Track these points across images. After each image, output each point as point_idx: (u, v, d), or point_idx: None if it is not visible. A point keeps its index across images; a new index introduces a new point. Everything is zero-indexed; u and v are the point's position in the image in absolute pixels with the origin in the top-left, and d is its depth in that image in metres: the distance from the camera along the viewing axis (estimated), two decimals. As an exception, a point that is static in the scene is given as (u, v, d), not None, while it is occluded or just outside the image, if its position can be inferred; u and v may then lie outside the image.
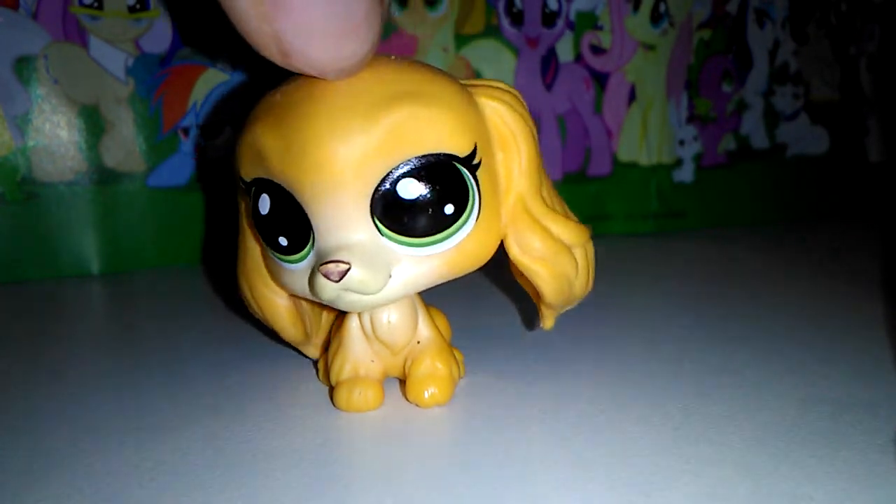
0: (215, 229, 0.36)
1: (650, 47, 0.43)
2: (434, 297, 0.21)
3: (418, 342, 0.20)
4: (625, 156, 0.44)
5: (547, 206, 0.20)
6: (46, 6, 0.33)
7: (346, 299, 0.18)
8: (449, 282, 0.19)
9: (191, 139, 0.35)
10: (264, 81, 0.20)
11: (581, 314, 0.28)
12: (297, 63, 0.16)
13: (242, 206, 0.21)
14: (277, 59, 0.16)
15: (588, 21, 0.42)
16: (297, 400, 0.21)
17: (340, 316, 0.21)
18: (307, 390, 0.21)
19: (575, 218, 0.21)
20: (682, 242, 0.43)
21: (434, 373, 0.20)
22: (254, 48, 0.16)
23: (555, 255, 0.20)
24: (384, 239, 0.18)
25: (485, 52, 0.40)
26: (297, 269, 0.19)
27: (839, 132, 0.50)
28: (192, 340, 0.26)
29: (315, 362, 0.23)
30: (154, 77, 0.34)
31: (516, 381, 0.22)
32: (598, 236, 0.42)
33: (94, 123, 0.34)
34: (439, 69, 0.19)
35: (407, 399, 0.20)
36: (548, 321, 0.22)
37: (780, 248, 0.42)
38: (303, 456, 0.18)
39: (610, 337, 0.26)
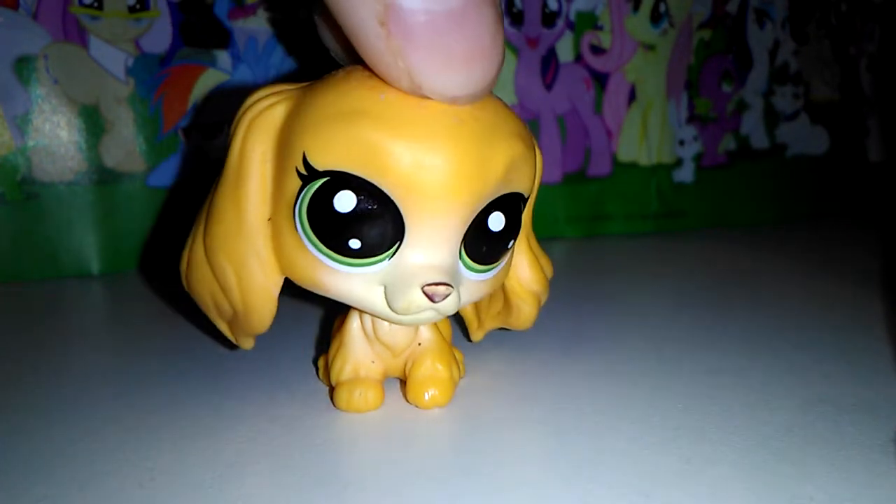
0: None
1: (650, 47, 0.43)
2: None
3: (419, 343, 0.20)
4: (625, 156, 0.44)
5: (534, 238, 0.22)
6: (46, 6, 0.33)
7: (426, 316, 0.18)
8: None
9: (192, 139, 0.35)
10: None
11: (581, 314, 0.28)
12: (429, 93, 0.16)
13: (244, 182, 0.18)
14: (410, 91, 0.16)
15: (588, 21, 0.42)
16: (296, 400, 0.21)
17: (340, 316, 0.21)
18: (307, 390, 0.21)
19: None
20: (682, 242, 0.43)
21: (434, 375, 0.20)
22: (386, 81, 0.16)
23: (541, 288, 0.22)
24: (460, 263, 0.18)
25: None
26: (354, 273, 0.18)
27: (839, 132, 0.50)
28: (192, 340, 0.26)
29: (315, 361, 0.23)
30: (154, 77, 0.34)
31: (516, 381, 0.22)
32: (598, 236, 0.42)
33: (94, 123, 0.34)
34: None
35: (407, 400, 0.20)
36: (481, 334, 0.24)
37: (780, 248, 0.42)
38: (303, 456, 0.18)
39: (609, 337, 0.26)
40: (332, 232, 0.17)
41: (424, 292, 0.17)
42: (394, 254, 0.17)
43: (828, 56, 0.49)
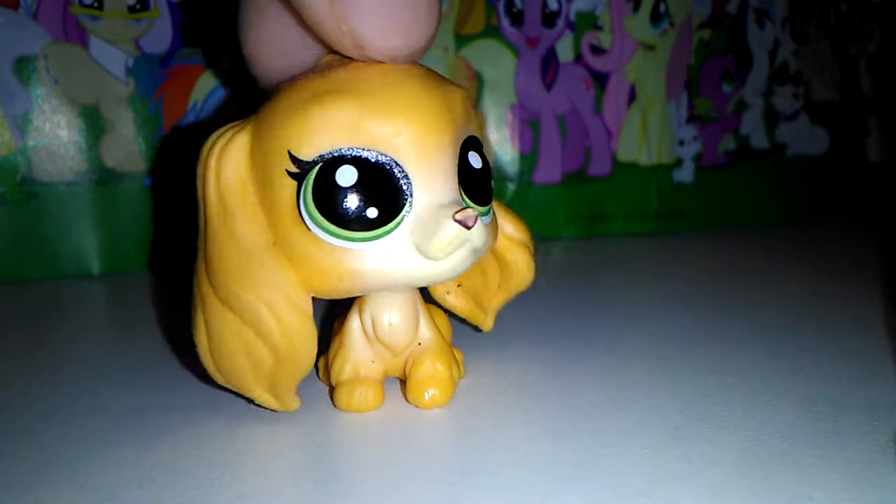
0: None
1: (650, 47, 0.43)
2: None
3: (419, 343, 0.20)
4: (625, 156, 0.44)
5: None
6: (46, 6, 0.33)
7: (461, 257, 0.18)
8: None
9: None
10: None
11: (581, 314, 0.28)
12: (371, 53, 0.18)
13: (232, 216, 0.18)
14: (353, 52, 0.18)
15: (588, 21, 0.42)
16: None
17: (340, 317, 0.21)
18: (307, 390, 0.21)
19: None
20: (681, 242, 0.43)
21: (434, 374, 0.20)
22: (328, 44, 0.18)
23: (528, 235, 0.23)
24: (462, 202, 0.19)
25: (485, 53, 0.40)
26: (384, 242, 0.17)
27: (839, 132, 0.50)
28: (192, 340, 0.26)
29: (315, 361, 0.23)
30: (154, 77, 0.34)
31: (516, 381, 0.22)
32: (598, 236, 0.42)
33: (94, 123, 0.34)
34: None
35: (407, 400, 0.20)
36: (490, 320, 0.24)
37: (780, 248, 0.42)
38: (303, 456, 0.18)
39: (609, 336, 0.26)
40: (347, 210, 0.17)
41: (457, 218, 0.17)
42: (410, 209, 0.18)
43: (828, 56, 0.49)
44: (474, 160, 0.19)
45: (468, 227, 0.17)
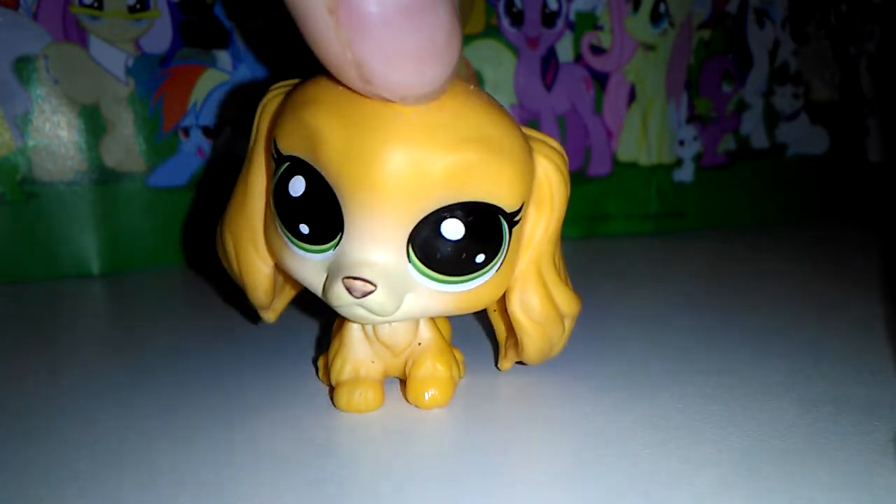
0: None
1: (650, 47, 0.43)
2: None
3: (419, 343, 0.20)
4: (625, 156, 0.44)
5: (557, 273, 0.20)
6: (46, 6, 0.33)
7: (356, 312, 0.18)
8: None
9: (192, 139, 0.35)
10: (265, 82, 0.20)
11: (581, 314, 0.28)
12: (377, 89, 0.16)
13: (256, 168, 0.20)
14: (358, 84, 0.16)
15: (588, 21, 0.42)
16: (297, 399, 0.21)
17: (340, 316, 0.21)
18: (307, 390, 0.22)
19: (571, 287, 0.21)
20: (681, 242, 0.43)
21: (434, 374, 0.20)
22: (334, 74, 0.16)
23: (550, 321, 0.20)
24: (410, 266, 0.18)
25: (485, 52, 0.40)
26: (308, 259, 0.18)
27: (839, 132, 0.50)
28: (192, 340, 0.26)
29: (315, 361, 0.23)
30: (154, 77, 0.34)
31: (516, 381, 0.22)
32: (597, 236, 0.42)
33: (94, 123, 0.34)
34: (507, 111, 0.19)
35: (407, 400, 0.20)
36: (507, 364, 0.23)
37: (780, 248, 0.42)
38: (303, 455, 0.18)
39: (609, 336, 0.26)
40: (287, 215, 0.18)
41: (344, 284, 0.17)
42: (337, 245, 0.18)
43: (828, 56, 0.49)
44: (450, 230, 0.17)
45: (354, 297, 0.17)
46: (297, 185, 0.17)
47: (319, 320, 0.27)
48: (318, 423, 0.19)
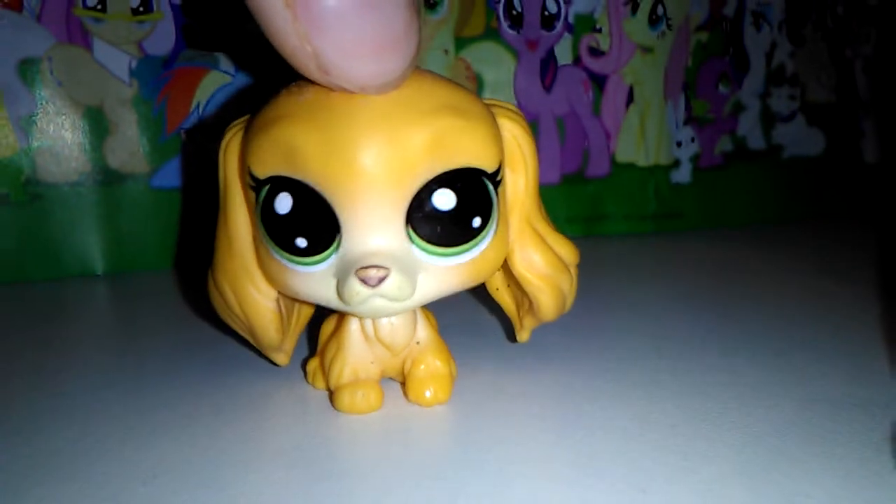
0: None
1: (648, 50, 0.43)
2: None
3: (417, 342, 0.20)
4: (623, 157, 0.44)
5: (548, 223, 0.21)
6: (50, 8, 0.33)
7: (373, 304, 0.18)
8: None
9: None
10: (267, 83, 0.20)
11: (580, 313, 0.28)
12: (337, 80, 0.16)
13: (233, 208, 0.20)
14: (317, 76, 0.16)
15: (586, 24, 0.42)
16: (298, 399, 0.21)
17: (337, 320, 0.21)
18: (308, 389, 0.22)
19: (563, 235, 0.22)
20: (679, 242, 0.43)
21: (434, 372, 0.20)
22: (293, 66, 0.16)
23: (556, 271, 0.21)
24: (414, 247, 0.18)
25: (485, 55, 0.40)
26: (312, 272, 0.18)
27: (835, 133, 0.50)
28: (195, 340, 0.26)
29: (304, 365, 0.23)
30: (157, 79, 0.35)
31: (516, 379, 0.22)
32: (596, 237, 0.42)
33: (97, 125, 0.34)
34: (465, 85, 0.19)
35: (408, 399, 0.21)
36: (525, 334, 0.23)
37: (777, 248, 0.42)
38: (304, 455, 0.18)
39: (608, 336, 0.26)
40: (280, 234, 0.18)
41: (358, 277, 0.17)
42: (338, 247, 0.18)
43: (824, 58, 0.49)
44: (442, 200, 0.18)
45: (370, 287, 0.17)
46: (283, 202, 0.18)
47: (315, 322, 0.27)
48: (318, 422, 0.19)
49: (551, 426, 0.19)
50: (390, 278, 0.17)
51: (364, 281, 0.17)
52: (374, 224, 0.17)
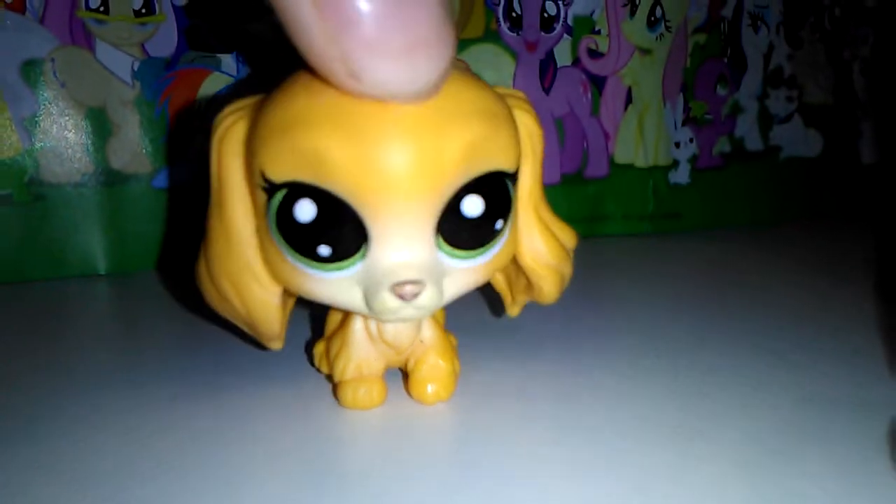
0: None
1: (646, 51, 0.43)
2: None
3: (422, 341, 0.21)
4: (621, 158, 0.44)
5: (550, 210, 0.21)
6: (53, 10, 0.33)
7: (405, 314, 0.18)
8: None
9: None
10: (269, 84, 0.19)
11: (580, 313, 0.28)
12: (366, 86, 0.15)
13: (226, 201, 0.19)
14: (346, 83, 0.15)
15: (585, 26, 0.42)
16: (299, 397, 0.21)
17: (341, 315, 0.21)
18: (309, 388, 0.22)
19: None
20: (678, 243, 0.43)
21: (437, 370, 0.20)
22: (321, 73, 0.15)
23: (560, 260, 0.21)
24: (440, 253, 0.18)
25: (484, 56, 0.40)
26: (334, 278, 0.18)
27: (833, 135, 0.51)
28: (196, 340, 0.26)
29: (310, 348, 0.23)
30: (160, 80, 0.35)
31: (517, 379, 0.22)
32: (595, 237, 0.42)
33: (100, 126, 0.34)
34: (481, 78, 0.19)
35: (410, 395, 0.21)
36: (517, 309, 0.24)
37: (775, 249, 0.42)
38: (306, 453, 0.18)
39: (608, 336, 0.26)
40: (301, 241, 0.17)
41: (396, 293, 0.17)
42: (365, 255, 0.17)
43: (822, 60, 0.49)
44: (471, 207, 0.17)
45: (406, 300, 0.17)
46: (306, 210, 0.17)
47: (312, 312, 0.27)
48: (320, 420, 0.20)
49: (550, 426, 0.19)
50: (426, 292, 0.17)
51: (401, 297, 0.17)
52: (407, 235, 0.17)
